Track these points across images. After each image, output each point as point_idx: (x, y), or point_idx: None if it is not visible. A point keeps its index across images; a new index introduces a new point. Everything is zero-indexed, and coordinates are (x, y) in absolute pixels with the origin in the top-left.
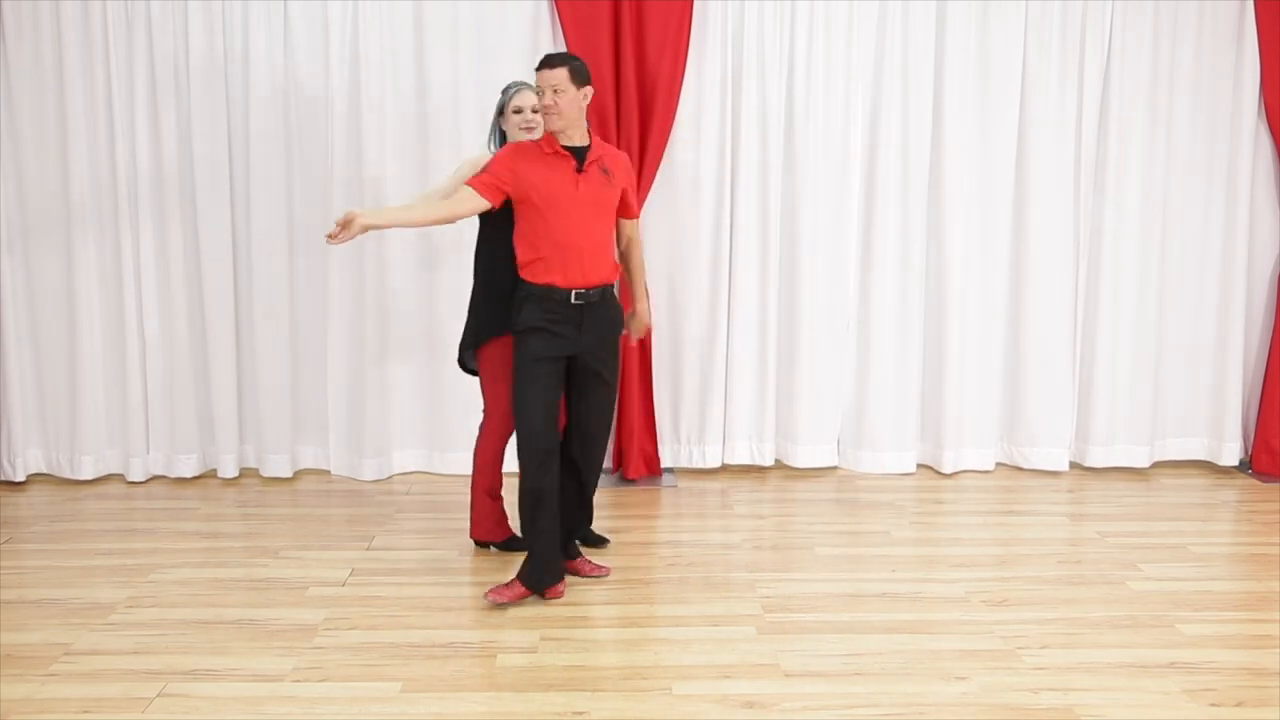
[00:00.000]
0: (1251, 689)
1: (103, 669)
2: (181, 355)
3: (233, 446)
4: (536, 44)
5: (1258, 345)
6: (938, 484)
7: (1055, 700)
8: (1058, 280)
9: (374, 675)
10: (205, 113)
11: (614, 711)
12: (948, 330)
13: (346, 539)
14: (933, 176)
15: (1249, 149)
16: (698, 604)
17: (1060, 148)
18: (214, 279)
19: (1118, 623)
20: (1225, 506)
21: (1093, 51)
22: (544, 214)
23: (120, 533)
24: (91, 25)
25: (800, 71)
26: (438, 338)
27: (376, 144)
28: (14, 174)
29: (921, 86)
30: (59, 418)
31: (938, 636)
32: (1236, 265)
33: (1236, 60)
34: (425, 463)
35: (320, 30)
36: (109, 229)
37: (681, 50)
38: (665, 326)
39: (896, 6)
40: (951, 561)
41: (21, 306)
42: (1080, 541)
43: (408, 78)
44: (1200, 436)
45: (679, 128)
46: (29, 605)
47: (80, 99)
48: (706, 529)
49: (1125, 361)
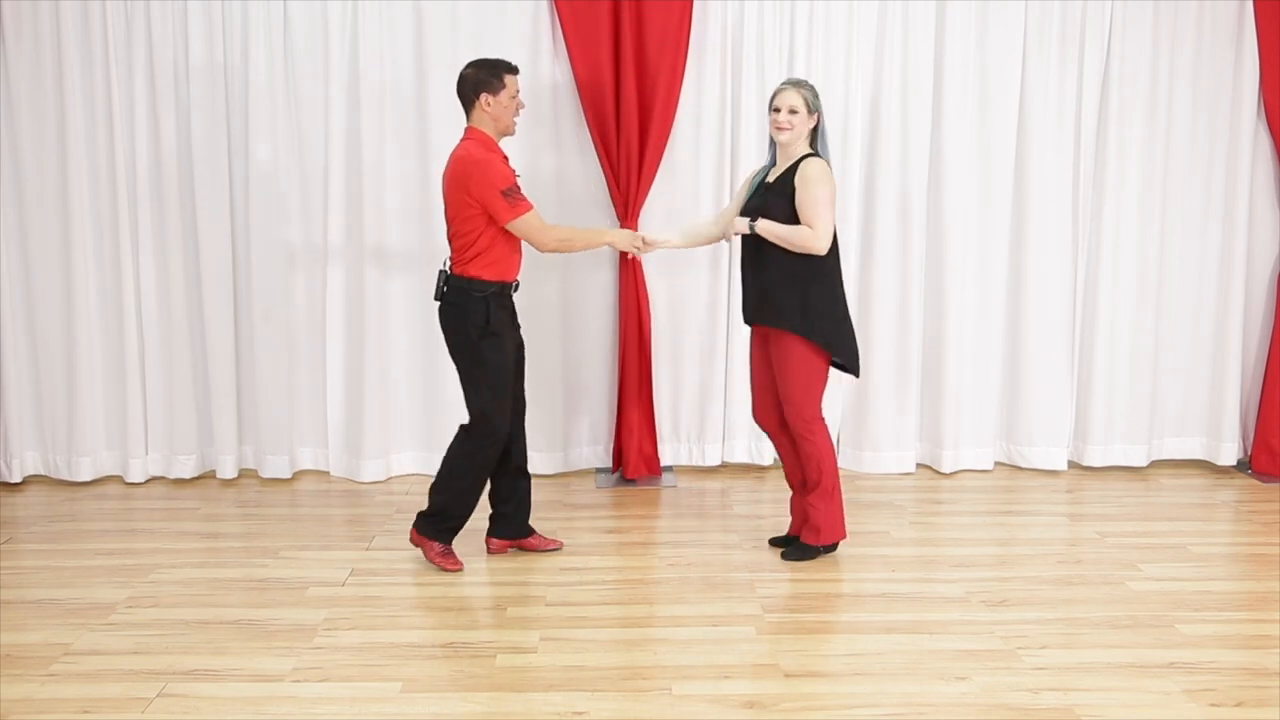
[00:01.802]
0: (1251, 689)
1: (102, 669)
2: (180, 356)
3: (232, 447)
4: (536, 44)
5: (1256, 345)
6: (937, 483)
7: (1055, 700)
8: (1057, 280)
9: (374, 675)
10: (204, 113)
11: (613, 712)
12: (947, 329)
13: (346, 539)
14: (932, 176)
15: (1248, 149)
16: (697, 604)
17: (1060, 148)
18: (213, 280)
19: (1117, 623)
20: (1224, 506)
21: (1092, 51)
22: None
23: (120, 533)
24: (91, 26)
25: (800, 71)
26: (436, 339)
27: (376, 144)
28: (13, 175)
29: (921, 86)
30: (56, 419)
31: (937, 636)
32: (1235, 265)
33: (1235, 60)
34: (424, 464)
35: (320, 31)
36: (107, 230)
37: (681, 50)
38: (665, 325)
39: (896, 6)
40: (951, 561)
41: (19, 307)
42: (1079, 541)
43: (407, 78)
44: (1199, 436)
45: (678, 127)
46: (28, 605)
47: (79, 100)
48: (706, 528)
49: (1124, 361)
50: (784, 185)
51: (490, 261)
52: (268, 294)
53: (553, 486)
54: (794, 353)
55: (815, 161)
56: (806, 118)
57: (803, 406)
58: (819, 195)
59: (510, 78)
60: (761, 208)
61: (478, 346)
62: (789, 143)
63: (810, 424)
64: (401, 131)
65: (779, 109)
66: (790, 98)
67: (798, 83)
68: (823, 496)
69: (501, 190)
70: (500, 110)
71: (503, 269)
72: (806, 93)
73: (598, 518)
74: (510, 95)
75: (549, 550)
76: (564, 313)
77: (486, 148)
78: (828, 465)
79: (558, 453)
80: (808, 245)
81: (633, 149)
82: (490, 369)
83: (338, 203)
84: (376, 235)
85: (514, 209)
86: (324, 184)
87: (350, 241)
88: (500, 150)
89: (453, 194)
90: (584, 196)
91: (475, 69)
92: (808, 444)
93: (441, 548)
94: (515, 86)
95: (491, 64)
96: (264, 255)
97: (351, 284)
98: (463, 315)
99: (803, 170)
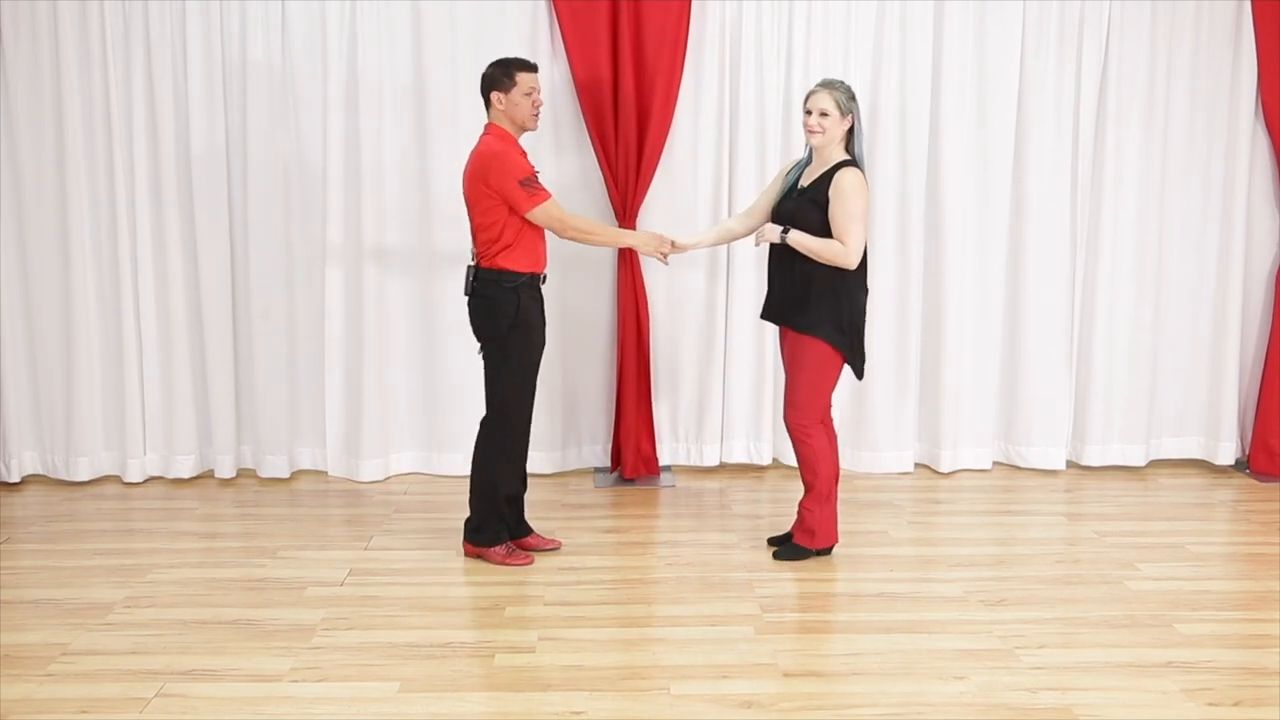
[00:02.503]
0: (1249, 688)
1: (100, 669)
2: (179, 356)
3: (230, 447)
4: (535, 44)
5: (1255, 345)
6: (935, 483)
7: (1053, 700)
8: (1055, 279)
9: (372, 675)
10: (203, 114)
11: (612, 711)
12: (945, 329)
13: (344, 539)
14: (930, 176)
15: (1246, 148)
16: (696, 604)
17: (1058, 147)
18: (211, 279)
19: (1115, 622)
20: (1222, 506)
21: (1090, 51)
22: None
23: (118, 533)
24: (89, 26)
25: (798, 71)
26: (435, 338)
27: (374, 144)
28: (11, 175)
29: (919, 86)
30: (55, 419)
31: (935, 636)
32: (1233, 264)
33: (1234, 60)
34: (423, 463)
35: (318, 31)
36: (106, 229)
37: (679, 49)
38: (663, 325)
39: (894, 6)
40: (949, 561)
41: (18, 307)
42: (1078, 541)
43: (406, 78)
44: (1197, 435)
45: (677, 126)
46: (26, 605)
47: (78, 100)
48: (704, 528)
49: (1122, 360)
50: (818, 193)
51: (519, 253)
52: (266, 293)
53: (551, 486)
54: (812, 355)
55: (851, 173)
56: (839, 120)
57: (807, 408)
58: (852, 210)
59: (522, 75)
60: (794, 214)
61: (506, 339)
62: (821, 145)
63: (810, 427)
64: (400, 131)
65: (810, 111)
66: (821, 100)
67: (830, 84)
68: (817, 500)
69: (519, 180)
70: (512, 107)
71: (532, 259)
72: (839, 94)
73: (596, 517)
74: (523, 92)
75: (547, 550)
76: (563, 312)
77: (504, 142)
78: (824, 469)
79: (556, 452)
80: (837, 260)
81: (631, 149)
82: (515, 361)
83: (336, 202)
84: (375, 235)
85: (532, 198)
86: (323, 184)
87: (349, 241)
88: (518, 145)
89: (473, 188)
90: (582, 196)
91: (491, 67)
92: (804, 447)
93: (503, 550)
94: (529, 84)
95: (506, 62)
96: (263, 255)
97: (350, 283)
98: (493, 307)
99: (837, 182)
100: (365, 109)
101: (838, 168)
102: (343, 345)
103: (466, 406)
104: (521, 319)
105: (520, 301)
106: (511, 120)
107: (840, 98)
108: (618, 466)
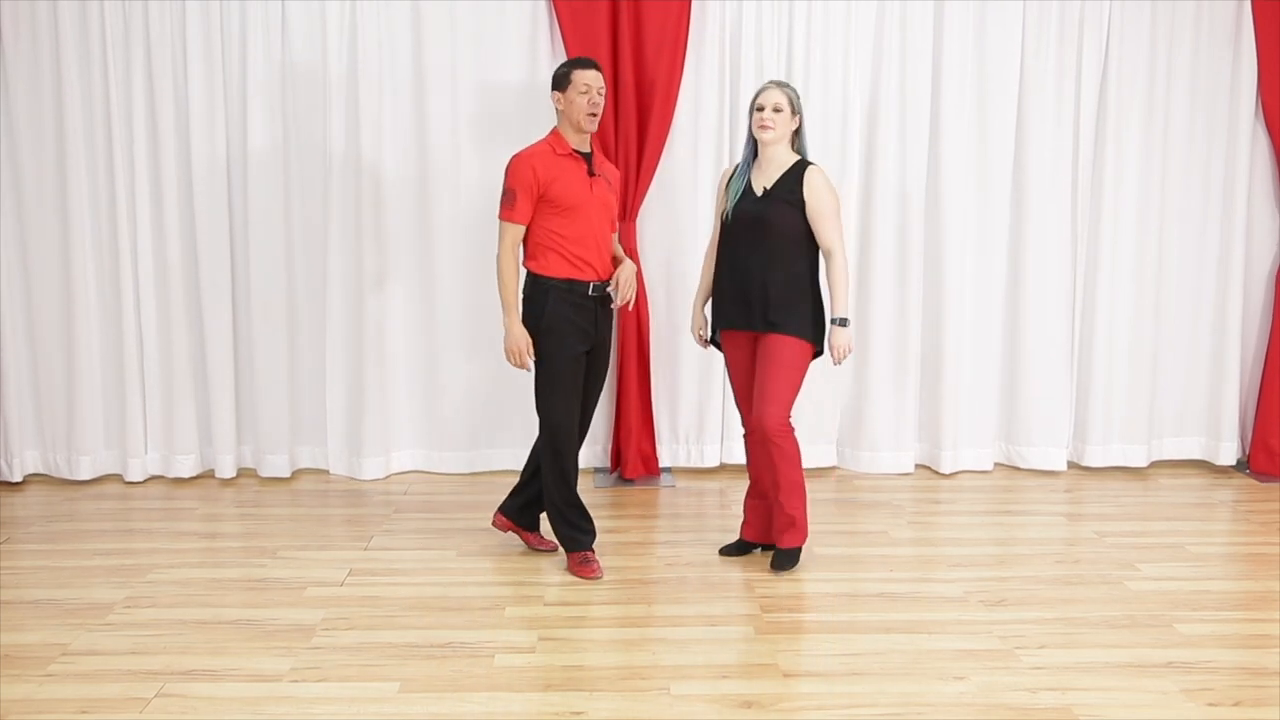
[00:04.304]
0: (1249, 688)
1: (101, 669)
2: (179, 355)
3: (230, 447)
4: (535, 44)
5: (1255, 345)
6: (936, 484)
7: (1053, 700)
8: (1055, 280)
9: (372, 675)
10: (202, 113)
11: (612, 711)
12: (946, 330)
13: (345, 539)
14: (930, 176)
15: (1246, 148)
16: (696, 604)
17: (1058, 148)
18: (212, 278)
19: (1115, 622)
20: (1223, 506)
21: (1090, 51)
22: (565, 212)
23: (118, 533)
24: (89, 26)
25: (798, 71)
26: (435, 336)
27: (374, 144)
28: (11, 174)
29: (919, 86)
30: (56, 418)
31: (936, 636)
32: (1234, 265)
33: (1234, 60)
34: (423, 462)
35: (318, 30)
36: (106, 229)
37: (679, 50)
38: (663, 325)
39: (894, 6)
40: (950, 561)
41: (19, 307)
42: (1078, 541)
43: (405, 78)
44: (1197, 436)
45: (677, 127)
46: (27, 605)
47: (78, 100)
48: (705, 529)
49: (1123, 361)
50: (789, 194)
51: (553, 257)
52: (267, 293)
53: None
54: (790, 353)
55: (819, 171)
56: (790, 118)
57: (785, 406)
58: (831, 208)
59: (579, 72)
60: (763, 216)
61: (539, 341)
62: (771, 142)
63: (785, 424)
64: (400, 131)
65: (763, 107)
66: (775, 96)
67: (781, 83)
68: (796, 493)
69: (508, 186)
70: (569, 105)
71: (570, 267)
72: (790, 93)
73: (596, 517)
74: (578, 90)
75: (544, 550)
76: None
77: (543, 144)
78: (798, 461)
79: None
80: (846, 270)
81: (631, 149)
82: (544, 367)
83: (337, 202)
84: (375, 234)
85: (502, 210)
86: (323, 184)
87: (349, 241)
88: (555, 153)
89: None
90: None
91: (559, 67)
92: (787, 442)
93: (579, 557)
94: (584, 81)
95: (570, 61)
96: (263, 254)
97: (350, 283)
98: (529, 309)
99: (811, 182)
100: (365, 109)
101: (801, 166)
102: (343, 344)
103: (466, 405)
104: (548, 323)
105: (548, 305)
106: (569, 120)
107: (792, 95)
108: (618, 467)
